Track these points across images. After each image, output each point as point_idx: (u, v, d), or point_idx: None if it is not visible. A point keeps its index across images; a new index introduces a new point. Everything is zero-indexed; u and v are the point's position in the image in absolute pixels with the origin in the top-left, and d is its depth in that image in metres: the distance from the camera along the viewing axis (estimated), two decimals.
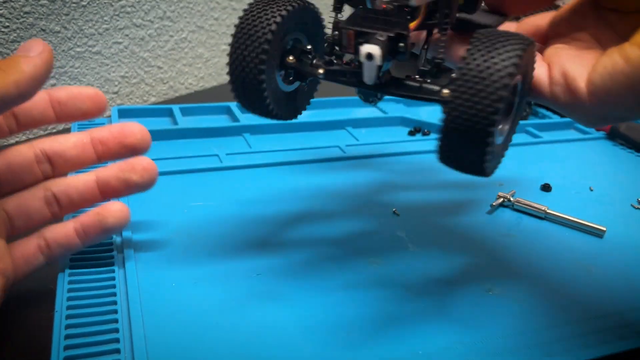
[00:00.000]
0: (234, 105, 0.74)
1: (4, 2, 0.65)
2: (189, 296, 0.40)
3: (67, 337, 0.35)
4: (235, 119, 0.72)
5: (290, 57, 0.34)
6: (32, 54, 0.34)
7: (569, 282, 0.44)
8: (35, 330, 0.38)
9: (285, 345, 0.36)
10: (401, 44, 0.29)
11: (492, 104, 0.27)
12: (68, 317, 0.36)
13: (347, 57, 0.33)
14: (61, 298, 0.38)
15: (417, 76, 0.32)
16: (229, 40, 0.94)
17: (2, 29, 0.66)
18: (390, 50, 0.30)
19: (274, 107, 0.34)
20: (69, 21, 0.72)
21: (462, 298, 0.42)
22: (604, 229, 0.50)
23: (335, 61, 0.33)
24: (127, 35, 0.80)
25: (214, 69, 0.95)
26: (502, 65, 0.27)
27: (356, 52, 0.30)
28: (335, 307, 0.40)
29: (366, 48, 0.28)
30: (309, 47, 0.35)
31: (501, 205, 0.54)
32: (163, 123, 0.71)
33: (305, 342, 0.37)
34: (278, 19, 0.32)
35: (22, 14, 0.67)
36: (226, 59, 0.33)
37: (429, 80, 0.32)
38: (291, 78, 0.35)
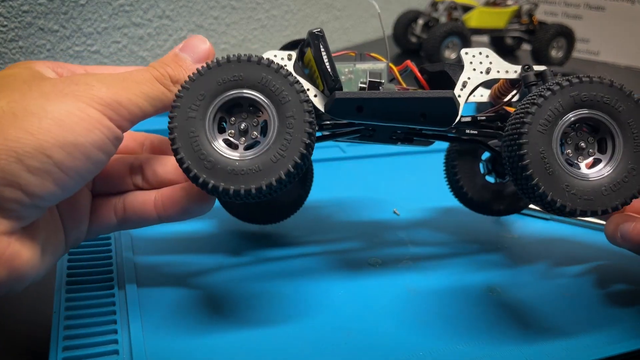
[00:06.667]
0: None
1: (2, 1, 0.64)
2: (188, 296, 0.40)
3: (66, 337, 0.34)
4: None
5: None
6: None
7: (571, 282, 0.44)
8: (34, 331, 0.38)
9: (284, 347, 0.36)
10: None
11: None
12: (67, 317, 0.36)
13: None
14: (60, 298, 0.38)
15: None
16: (229, 39, 0.94)
17: (1, 28, 0.65)
18: None
19: None
20: (67, 20, 0.72)
21: (462, 298, 0.41)
22: None
23: None
24: (125, 34, 0.80)
25: None
26: None
27: None
28: (335, 307, 0.40)
29: None
30: None
31: None
32: (163, 123, 0.70)
33: (305, 342, 0.36)
34: None
35: (20, 12, 0.67)
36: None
37: None
38: None
